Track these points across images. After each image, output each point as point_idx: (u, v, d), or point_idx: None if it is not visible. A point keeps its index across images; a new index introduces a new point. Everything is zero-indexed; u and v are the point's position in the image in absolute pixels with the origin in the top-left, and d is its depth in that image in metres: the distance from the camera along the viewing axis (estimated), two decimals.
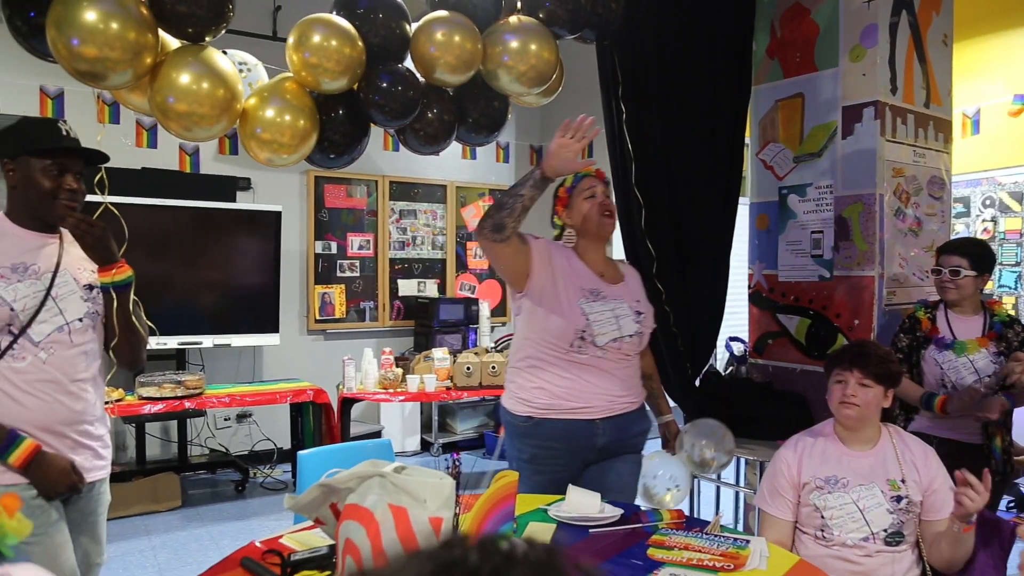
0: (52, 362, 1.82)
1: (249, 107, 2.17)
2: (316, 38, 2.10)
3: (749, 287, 3.52)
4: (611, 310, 2.18)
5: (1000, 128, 4.83)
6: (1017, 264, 4.78)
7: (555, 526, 1.96)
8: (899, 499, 1.98)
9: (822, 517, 2.00)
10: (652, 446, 2.32)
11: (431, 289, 6.10)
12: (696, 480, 3.33)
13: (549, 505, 2.09)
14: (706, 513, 3.53)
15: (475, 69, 2.34)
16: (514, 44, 2.35)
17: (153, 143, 4.95)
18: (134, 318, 1.94)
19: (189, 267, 4.77)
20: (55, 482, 1.78)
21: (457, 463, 1.58)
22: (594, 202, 2.24)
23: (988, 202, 4.92)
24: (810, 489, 2.03)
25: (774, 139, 3.41)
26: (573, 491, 2.09)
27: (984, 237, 4.83)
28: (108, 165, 1.96)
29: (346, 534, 1.29)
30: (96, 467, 1.95)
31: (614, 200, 2.31)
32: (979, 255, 2.58)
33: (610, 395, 2.19)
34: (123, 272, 1.88)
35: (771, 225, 3.41)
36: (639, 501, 2.22)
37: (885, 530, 1.96)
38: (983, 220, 4.94)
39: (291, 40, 2.14)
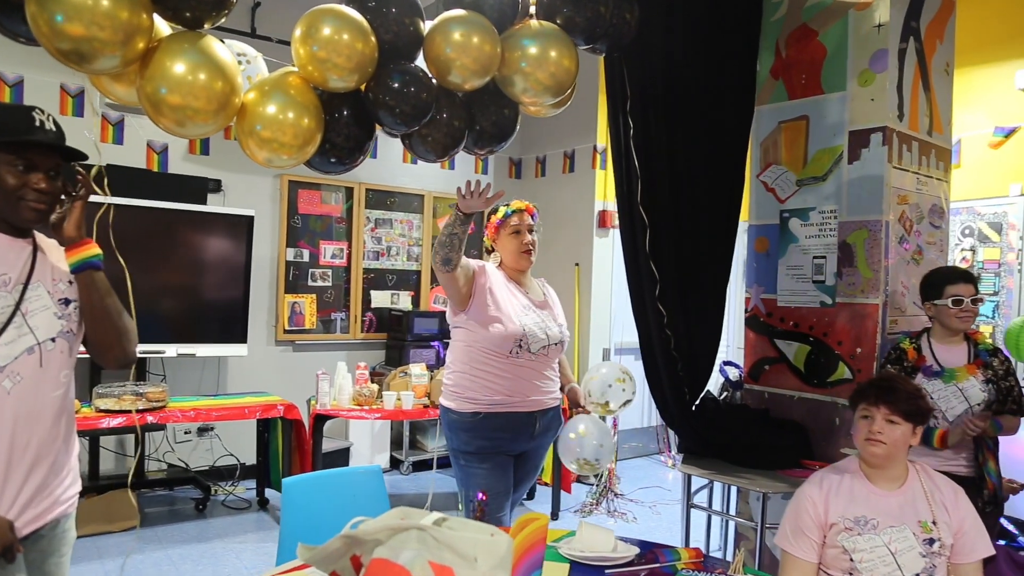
0: (17, 394, 1.55)
1: (248, 102, 1.98)
2: (326, 31, 1.91)
3: (746, 311, 3.43)
4: (540, 322, 2.57)
5: (980, 159, 4.88)
6: (995, 293, 4.82)
7: (568, 566, 1.85)
8: (931, 541, 1.89)
9: (851, 560, 1.90)
10: None
11: (404, 301, 5.91)
12: (688, 509, 3.21)
13: (558, 542, 1.97)
14: (695, 538, 3.41)
15: (492, 74, 2.19)
16: (533, 50, 2.21)
17: (119, 139, 4.68)
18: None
19: (154, 271, 4.49)
20: None
21: (483, 505, 1.43)
22: (518, 239, 2.56)
23: (967, 231, 4.96)
24: (838, 530, 1.93)
25: (776, 161, 3.34)
26: (585, 528, 1.98)
27: (964, 266, 4.87)
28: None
29: None
30: (61, 501, 1.71)
31: (536, 239, 2.61)
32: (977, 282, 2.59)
33: (543, 392, 2.61)
34: (95, 247, 1.64)
35: (771, 248, 3.34)
36: (569, 465, 2.73)
37: (917, 574, 1.86)
38: (962, 249, 4.98)
39: (298, 32, 1.96)
